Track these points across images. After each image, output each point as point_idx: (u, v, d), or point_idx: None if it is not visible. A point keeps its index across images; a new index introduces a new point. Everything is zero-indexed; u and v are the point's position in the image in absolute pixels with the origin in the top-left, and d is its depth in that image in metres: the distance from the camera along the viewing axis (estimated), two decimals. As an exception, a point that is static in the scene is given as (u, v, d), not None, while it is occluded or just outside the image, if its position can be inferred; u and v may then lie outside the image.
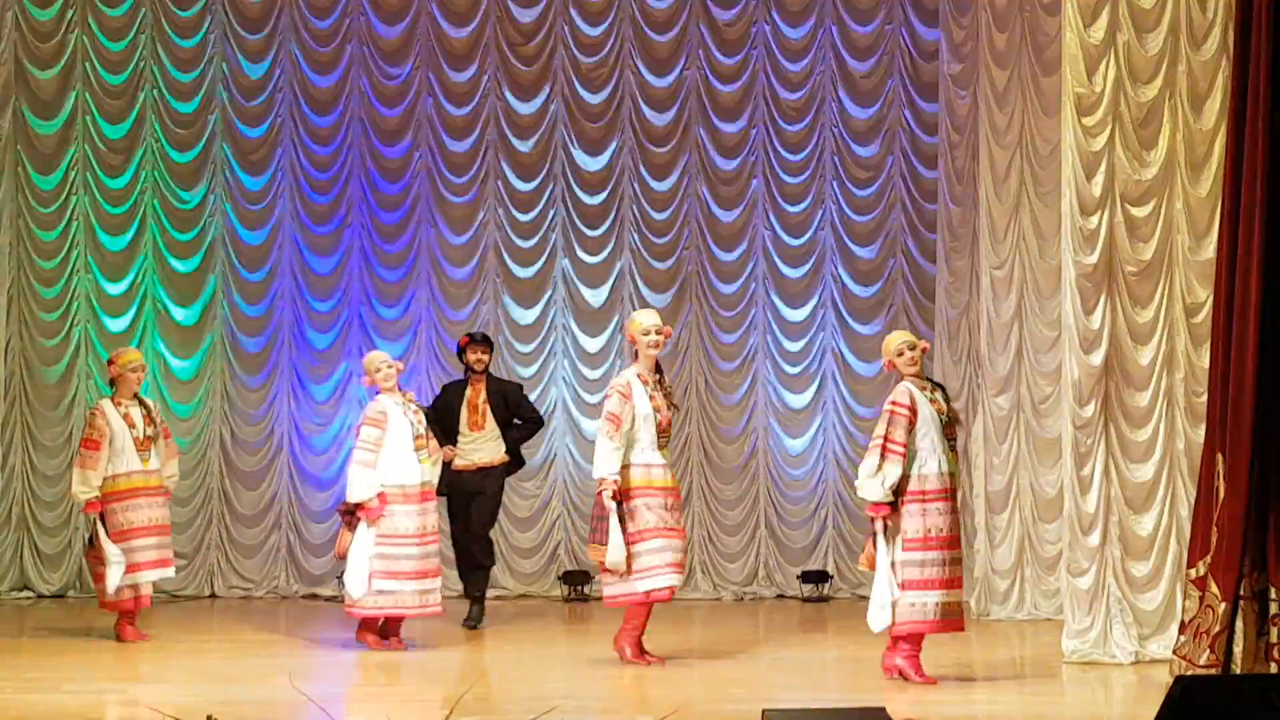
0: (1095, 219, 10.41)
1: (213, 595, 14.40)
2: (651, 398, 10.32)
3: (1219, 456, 9.06)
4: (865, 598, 14.11)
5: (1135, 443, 10.44)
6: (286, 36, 14.70)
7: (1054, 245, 11.70)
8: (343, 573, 11.27)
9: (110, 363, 11.83)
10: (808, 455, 14.57)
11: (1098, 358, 10.41)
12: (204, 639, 11.70)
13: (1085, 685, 9.78)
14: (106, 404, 11.54)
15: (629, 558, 10.09)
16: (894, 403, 9.76)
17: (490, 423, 12.25)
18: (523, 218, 14.75)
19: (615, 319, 14.70)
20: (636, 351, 10.51)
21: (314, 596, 14.27)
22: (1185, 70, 10.30)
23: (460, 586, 12.67)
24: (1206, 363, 9.85)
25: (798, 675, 9.99)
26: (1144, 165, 10.39)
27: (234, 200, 14.70)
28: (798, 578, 14.27)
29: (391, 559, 10.94)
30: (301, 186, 14.69)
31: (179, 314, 14.63)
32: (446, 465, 11.83)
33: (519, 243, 14.75)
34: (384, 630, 11.19)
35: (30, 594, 14.32)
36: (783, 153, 14.77)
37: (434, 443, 11.46)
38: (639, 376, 10.37)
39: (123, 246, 14.60)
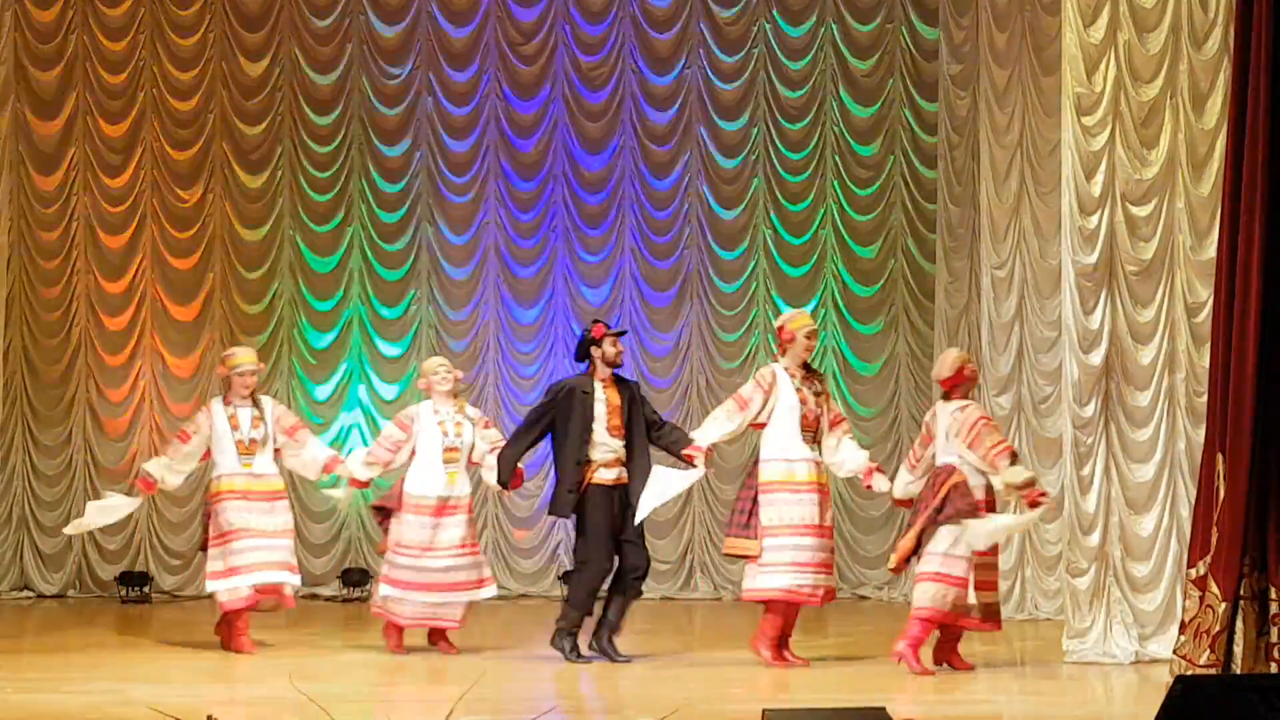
0: (1095, 218, 10.39)
1: (213, 595, 14.36)
2: (799, 390, 10.29)
3: (1219, 457, 9.05)
4: (866, 598, 14.19)
5: (1136, 443, 10.42)
6: (286, 35, 14.71)
7: (1055, 245, 11.69)
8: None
9: (220, 363, 11.41)
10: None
11: (1097, 357, 10.40)
12: (204, 639, 11.68)
13: (1085, 685, 9.77)
14: (215, 403, 11.03)
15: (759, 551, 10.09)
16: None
17: None
18: (523, 218, 14.76)
19: (615, 319, 14.70)
20: (782, 346, 10.44)
21: (314, 596, 14.26)
22: (1186, 70, 10.28)
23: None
24: (1207, 362, 9.83)
25: (798, 675, 9.98)
26: (1145, 164, 10.37)
27: (233, 199, 14.70)
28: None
29: (394, 566, 10.75)
30: (301, 185, 14.70)
31: (178, 312, 14.63)
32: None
33: (519, 243, 14.76)
34: (431, 637, 10.96)
35: (30, 594, 14.32)
36: (783, 152, 14.77)
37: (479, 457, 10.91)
38: (786, 369, 10.35)
39: (122, 245, 14.61)
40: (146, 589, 14.14)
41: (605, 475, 10.35)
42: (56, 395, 14.51)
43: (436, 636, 10.95)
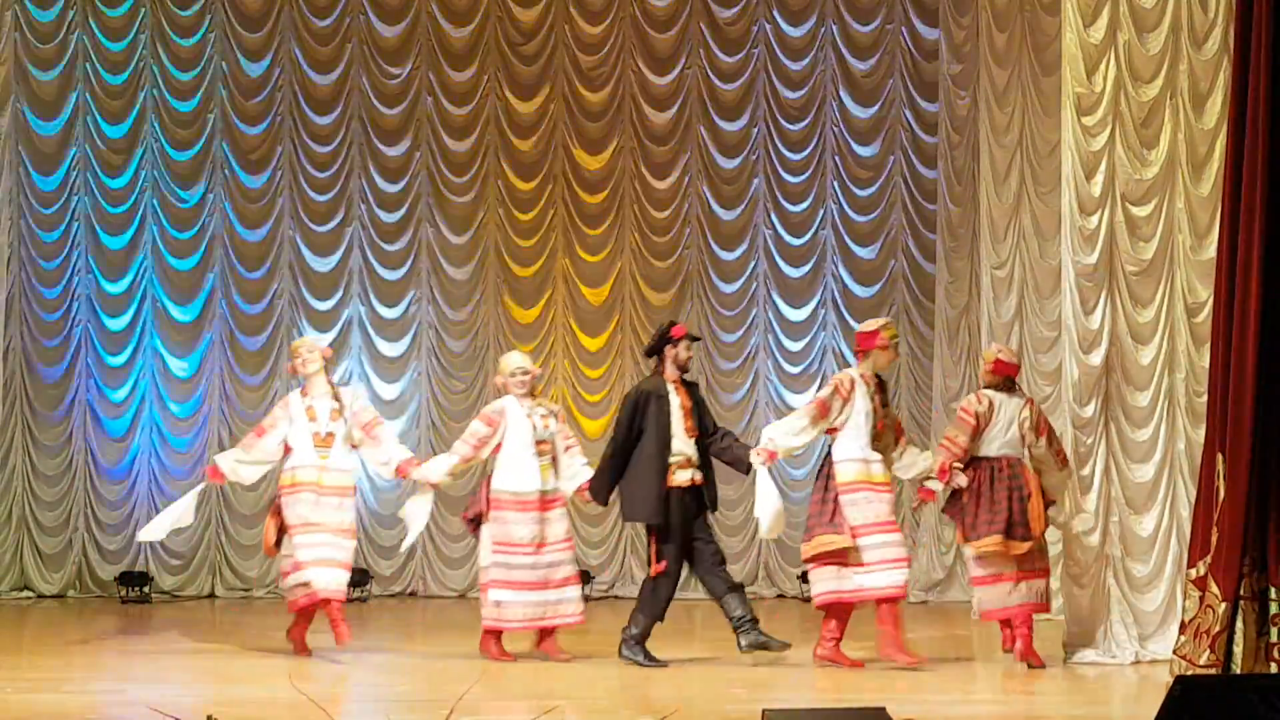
0: (1095, 218, 10.39)
1: (212, 595, 14.40)
2: (872, 398, 10.30)
3: (1219, 456, 9.04)
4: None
5: (1136, 443, 10.42)
6: (286, 35, 14.71)
7: (1054, 245, 11.69)
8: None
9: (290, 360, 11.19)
10: (808, 455, 14.53)
11: (1097, 357, 10.40)
12: (204, 639, 11.68)
13: (1085, 685, 9.77)
14: (294, 395, 10.86)
15: (852, 549, 10.08)
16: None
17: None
18: (523, 217, 14.76)
19: (615, 319, 14.71)
20: (863, 354, 10.42)
21: (314, 596, 14.25)
22: (1186, 70, 10.28)
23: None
24: (1207, 362, 9.83)
25: (798, 675, 9.98)
26: (1145, 165, 10.37)
27: (233, 199, 14.71)
28: (798, 578, 14.26)
29: (506, 568, 10.42)
30: (301, 185, 14.70)
31: (178, 312, 14.63)
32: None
33: (519, 243, 14.76)
34: (538, 639, 10.61)
35: (30, 594, 14.32)
36: (784, 152, 14.78)
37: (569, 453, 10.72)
38: (863, 376, 10.35)
39: (122, 246, 14.61)
40: (146, 589, 14.15)
41: (681, 477, 10.29)
42: (56, 395, 14.51)
43: (545, 640, 10.62)
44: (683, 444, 10.31)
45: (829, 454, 10.30)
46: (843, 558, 10.09)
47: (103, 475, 14.50)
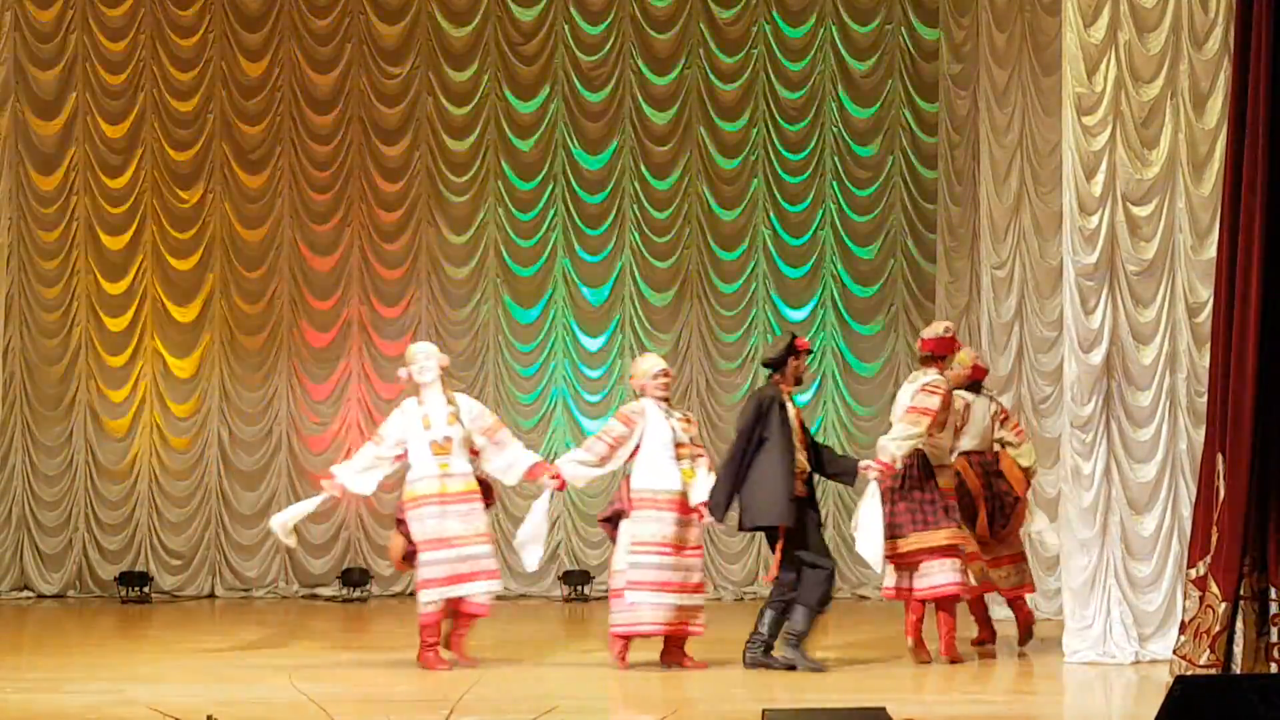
0: (1095, 218, 10.39)
1: (212, 595, 14.40)
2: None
3: (1219, 456, 9.04)
4: (866, 598, 14.18)
5: (1137, 443, 10.42)
6: (286, 35, 14.71)
7: (1054, 245, 11.69)
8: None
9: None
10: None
11: (1097, 357, 10.39)
12: (204, 639, 11.68)
13: (1085, 685, 9.77)
14: (409, 401, 10.45)
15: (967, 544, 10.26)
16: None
17: None
18: (523, 218, 14.76)
19: (615, 319, 14.70)
20: (941, 360, 10.40)
21: (314, 596, 14.27)
22: (1187, 70, 10.28)
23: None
24: (1208, 362, 9.83)
25: (798, 675, 9.97)
26: (1145, 164, 10.37)
27: (233, 199, 14.70)
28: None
29: (641, 568, 10.05)
30: (301, 185, 14.70)
31: (178, 313, 14.63)
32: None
33: (519, 243, 14.76)
34: (663, 653, 10.20)
35: (30, 594, 14.32)
36: (783, 152, 14.78)
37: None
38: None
39: (122, 246, 14.61)
40: (146, 589, 14.15)
41: (800, 487, 10.09)
42: (56, 395, 14.50)
43: (674, 651, 10.21)
44: (799, 453, 10.09)
45: (924, 455, 10.26)
46: (956, 551, 10.21)
47: (103, 475, 14.50)
